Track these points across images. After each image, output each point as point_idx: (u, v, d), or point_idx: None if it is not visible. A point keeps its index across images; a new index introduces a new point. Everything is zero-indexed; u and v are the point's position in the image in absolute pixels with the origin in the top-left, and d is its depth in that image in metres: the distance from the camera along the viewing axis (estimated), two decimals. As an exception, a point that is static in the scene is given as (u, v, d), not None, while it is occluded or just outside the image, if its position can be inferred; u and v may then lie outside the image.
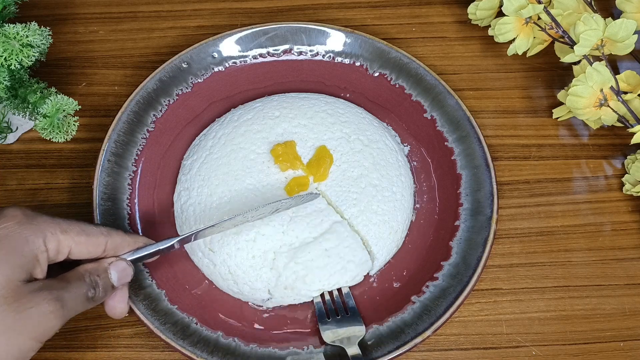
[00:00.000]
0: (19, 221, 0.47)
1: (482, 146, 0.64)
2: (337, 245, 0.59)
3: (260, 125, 0.65)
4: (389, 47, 0.69)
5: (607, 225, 0.66)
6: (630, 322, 0.61)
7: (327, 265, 0.58)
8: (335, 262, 0.58)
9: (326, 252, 0.58)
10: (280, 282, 0.58)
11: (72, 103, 0.63)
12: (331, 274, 0.59)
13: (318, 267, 0.58)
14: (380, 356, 0.55)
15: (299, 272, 0.58)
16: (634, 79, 0.65)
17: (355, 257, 0.59)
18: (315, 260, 0.58)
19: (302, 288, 0.58)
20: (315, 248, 0.58)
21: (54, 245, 0.48)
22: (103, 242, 0.51)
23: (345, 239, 0.59)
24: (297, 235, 0.59)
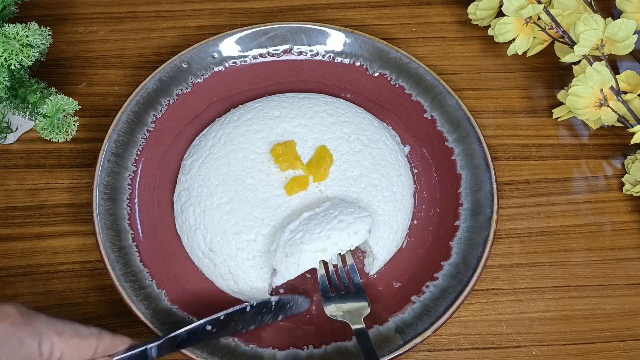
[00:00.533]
0: (13, 321, 0.45)
1: (482, 146, 0.64)
2: (338, 213, 0.57)
3: (260, 125, 0.65)
4: (389, 47, 0.69)
5: (607, 225, 0.66)
6: (630, 322, 0.61)
7: (324, 222, 0.57)
8: (332, 218, 0.57)
9: (326, 218, 0.57)
10: (283, 251, 0.56)
11: (72, 103, 0.63)
12: (329, 230, 0.56)
13: (316, 225, 0.57)
14: (381, 356, 0.55)
15: (298, 237, 0.56)
16: (634, 79, 0.65)
17: (353, 213, 0.57)
18: (313, 222, 0.57)
19: (303, 249, 0.56)
20: (315, 218, 0.57)
21: (48, 348, 0.46)
22: (94, 345, 0.49)
23: (344, 206, 0.58)
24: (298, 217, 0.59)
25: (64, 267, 0.62)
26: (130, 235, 0.61)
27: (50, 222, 0.65)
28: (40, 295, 0.61)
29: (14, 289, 0.61)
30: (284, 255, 0.56)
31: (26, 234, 0.64)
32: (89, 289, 0.62)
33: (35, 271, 0.62)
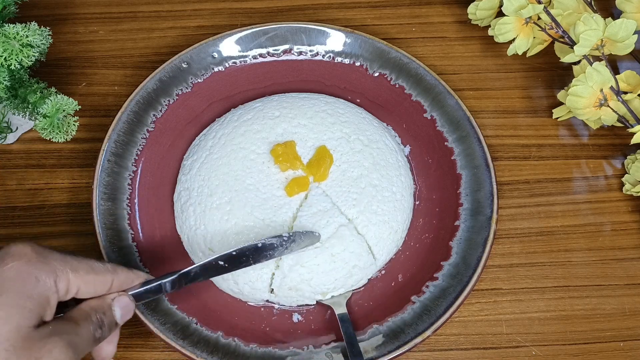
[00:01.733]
0: (28, 259, 0.44)
1: (482, 146, 0.64)
2: (342, 250, 0.59)
3: (260, 125, 0.65)
4: (389, 47, 0.69)
5: (607, 225, 0.66)
6: (630, 322, 0.61)
7: (333, 270, 0.59)
8: (340, 267, 0.59)
9: (332, 258, 0.59)
10: (285, 282, 0.58)
11: (72, 103, 0.63)
12: (336, 279, 0.59)
13: (324, 272, 0.58)
14: (380, 356, 0.55)
15: (304, 274, 0.58)
16: (634, 79, 0.65)
17: (360, 262, 0.59)
18: (322, 265, 0.58)
19: (306, 290, 0.58)
20: (322, 253, 0.58)
21: (64, 285, 0.46)
22: (109, 280, 0.49)
23: (350, 243, 0.59)
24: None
25: (64, 267, 0.62)
26: (130, 235, 0.61)
27: (50, 222, 0.65)
28: (40, 295, 0.61)
29: (14, 289, 0.61)
30: (287, 288, 0.58)
31: (26, 234, 0.64)
32: (89, 289, 0.61)
33: (35, 271, 0.62)
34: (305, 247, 0.58)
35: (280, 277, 0.58)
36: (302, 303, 0.59)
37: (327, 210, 0.60)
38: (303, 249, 0.58)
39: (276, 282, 0.58)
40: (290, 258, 0.58)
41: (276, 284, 0.58)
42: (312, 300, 0.59)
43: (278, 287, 0.58)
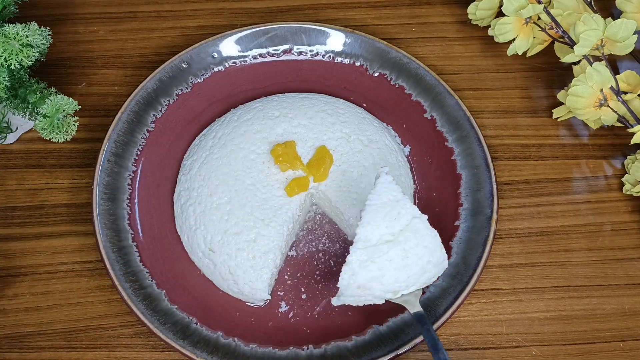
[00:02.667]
0: None
1: (482, 146, 0.64)
2: (416, 245, 0.53)
3: (260, 125, 0.65)
4: (389, 47, 0.69)
5: (607, 225, 0.66)
6: (630, 322, 0.61)
7: (406, 267, 0.53)
8: (413, 262, 0.53)
9: (405, 253, 0.53)
10: (354, 280, 0.52)
11: (71, 103, 0.63)
12: (409, 276, 0.53)
13: (396, 268, 0.53)
14: (381, 356, 0.55)
15: (375, 271, 0.53)
16: (634, 79, 0.65)
17: (433, 257, 0.54)
18: (394, 261, 0.53)
19: (377, 289, 0.53)
20: (394, 248, 0.53)
21: None
22: None
23: (424, 237, 0.54)
24: (374, 230, 0.53)
25: (64, 267, 0.62)
26: (130, 235, 0.61)
27: (50, 222, 0.65)
28: (40, 295, 0.61)
29: (14, 289, 0.61)
30: (356, 287, 0.53)
31: (26, 234, 0.64)
32: (89, 289, 0.62)
33: (35, 271, 0.62)
34: None
35: (348, 275, 0.53)
36: (369, 302, 0.54)
37: (398, 200, 0.54)
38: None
39: (344, 281, 0.53)
40: (360, 252, 0.53)
41: (344, 283, 0.53)
42: (381, 299, 0.54)
43: (346, 286, 0.53)
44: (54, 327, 0.60)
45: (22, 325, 0.60)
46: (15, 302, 0.61)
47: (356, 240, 0.53)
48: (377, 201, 0.54)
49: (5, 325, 0.60)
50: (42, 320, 0.60)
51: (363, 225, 0.53)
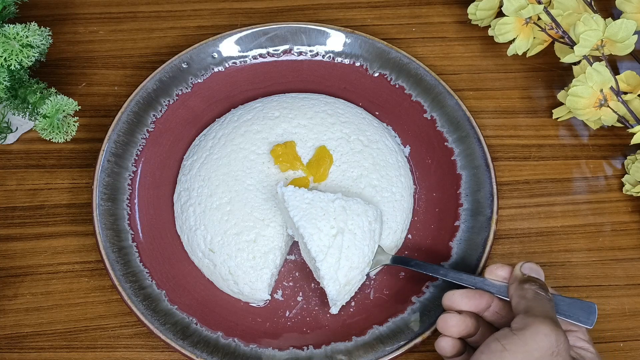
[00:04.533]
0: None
1: (482, 146, 0.64)
2: (352, 218, 0.57)
3: (260, 126, 0.65)
4: (389, 48, 0.69)
5: (607, 225, 0.66)
6: (630, 322, 0.61)
7: (361, 240, 0.57)
8: (361, 231, 0.57)
9: (352, 231, 0.57)
10: (338, 283, 0.56)
11: (71, 103, 0.63)
12: (367, 244, 0.57)
13: (356, 247, 0.56)
14: (381, 356, 0.55)
15: (346, 262, 0.56)
16: (634, 79, 0.65)
17: (369, 217, 0.58)
18: (350, 243, 0.56)
19: (356, 274, 0.57)
20: (343, 234, 0.56)
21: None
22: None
23: (352, 208, 0.57)
24: (320, 236, 0.56)
25: (64, 267, 0.62)
26: (130, 235, 0.61)
27: (50, 222, 0.65)
28: (40, 295, 0.61)
29: (14, 289, 0.61)
30: (344, 286, 0.56)
31: (26, 234, 0.64)
32: (89, 289, 0.62)
33: (35, 271, 0.62)
34: None
35: (332, 283, 0.56)
36: (357, 288, 0.58)
37: (312, 199, 0.57)
38: None
39: (332, 291, 0.56)
40: (327, 261, 0.55)
41: (333, 293, 0.56)
42: (363, 278, 0.58)
43: (336, 294, 0.56)
44: (54, 327, 0.60)
45: (22, 326, 0.60)
46: (15, 302, 0.61)
47: (315, 255, 0.55)
48: (300, 213, 0.56)
49: (5, 325, 0.60)
50: (42, 320, 0.60)
51: (310, 240, 0.56)
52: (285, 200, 0.56)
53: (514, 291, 0.51)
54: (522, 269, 0.53)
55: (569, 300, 0.52)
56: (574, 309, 0.52)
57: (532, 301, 0.49)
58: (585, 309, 0.52)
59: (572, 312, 0.51)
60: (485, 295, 0.53)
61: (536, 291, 0.50)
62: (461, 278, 0.55)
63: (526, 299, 0.50)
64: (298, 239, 0.58)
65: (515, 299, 0.50)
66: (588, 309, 0.51)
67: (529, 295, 0.50)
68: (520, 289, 0.51)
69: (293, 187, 0.57)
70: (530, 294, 0.50)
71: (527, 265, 0.53)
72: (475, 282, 0.54)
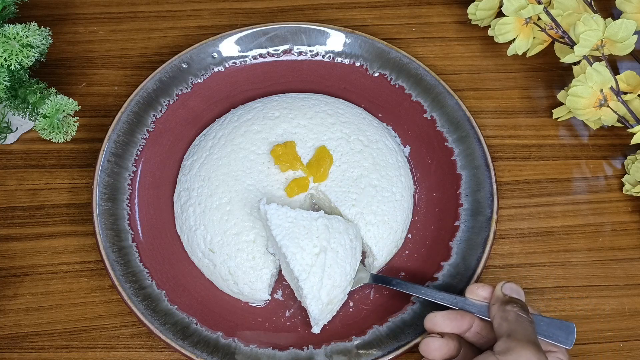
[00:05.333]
0: None
1: (482, 146, 0.64)
2: (335, 237, 0.56)
3: (260, 126, 0.65)
4: (389, 48, 0.69)
5: (607, 225, 0.66)
6: (630, 322, 0.61)
7: (343, 258, 0.56)
8: (343, 250, 0.56)
9: (335, 249, 0.56)
10: (321, 303, 0.55)
11: (71, 103, 0.63)
12: (349, 262, 0.57)
13: (338, 265, 0.56)
14: (381, 356, 0.55)
15: (329, 281, 0.55)
16: (634, 79, 0.65)
17: (350, 235, 0.58)
18: (333, 261, 0.56)
19: (338, 292, 0.56)
20: (326, 253, 0.56)
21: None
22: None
23: (334, 226, 0.57)
24: (303, 255, 0.55)
25: (64, 267, 0.62)
26: (130, 235, 0.61)
27: (50, 222, 0.65)
28: (40, 296, 0.61)
29: (14, 289, 0.61)
30: (326, 305, 0.56)
31: (26, 234, 0.64)
32: (89, 289, 0.62)
33: (35, 271, 0.62)
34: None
35: (314, 302, 0.55)
36: (339, 306, 0.58)
37: (295, 217, 0.57)
38: None
39: (315, 310, 0.55)
40: (310, 280, 0.55)
41: (316, 312, 0.55)
42: (345, 297, 0.57)
43: (319, 313, 0.55)
44: (54, 327, 0.60)
45: (22, 326, 0.60)
46: (15, 302, 0.61)
47: (298, 274, 0.54)
48: (282, 232, 0.55)
49: (5, 325, 0.60)
50: (42, 320, 0.60)
51: (292, 259, 0.55)
52: (268, 218, 0.56)
53: (496, 312, 0.51)
54: (503, 289, 0.52)
55: (547, 320, 0.52)
56: (553, 329, 0.52)
57: (514, 324, 0.49)
58: (564, 329, 0.52)
59: (551, 332, 0.51)
60: (467, 316, 0.53)
61: (518, 313, 0.50)
62: (442, 297, 0.55)
63: (508, 321, 0.49)
64: (280, 257, 0.58)
65: (497, 320, 0.50)
66: (567, 328, 0.52)
67: (511, 317, 0.50)
68: (502, 310, 0.51)
69: (276, 205, 0.56)
70: (512, 316, 0.50)
71: (507, 286, 0.53)
72: (457, 301, 0.54)
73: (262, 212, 0.56)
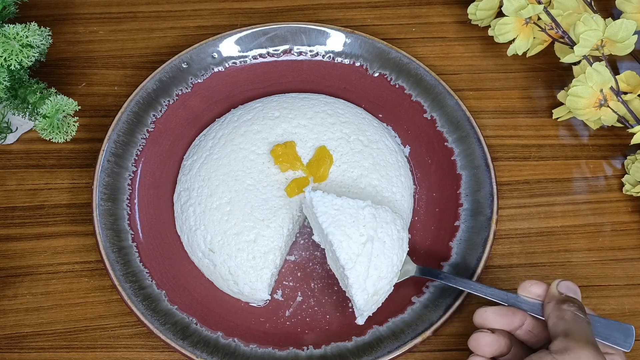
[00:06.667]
0: None
1: (482, 146, 0.64)
2: (382, 226, 0.55)
3: (260, 126, 0.65)
4: (389, 48, 0.69)
5: (607, 225, 0.66)
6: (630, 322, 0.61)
7: (390, 249, 0.55)
8: (390, 240, 0.55)
9: (382, 239, 0.55)
10: (367, 293, 0.54)
11: (71, 103, 0.63)
12: (395, 253, 0.56)
13: (385, 256, 0.55)
14: (381, 356, 0.55)
15: (375, 272, 0.54)
16: (634, 79, 0.65)
17: (397, 225, 0.57)
18: (380, 251, 0.54)
19: (384, 283, 0.55)
20: (373, 242, 0.55)
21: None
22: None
23: (382, 216, 0.56)
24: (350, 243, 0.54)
25: (64, 267, 0.62)
26: (130, 235, 0.61)
27: (50, 222, 0.65)
28: (40, 296, 0.61)
29: (14, 289, 0.61)
30: (372, 295, 0.54)
31: (26, 234, 0.64)
32: (89, 289, 0.62)
33: (35, 271, 0.62)
34: None
35: (360, 292, 0.54)
36: (385, 297, 0.56)
37: (342, 205, 0.56)
38: None
39: (360, 301, 0.54)
40: (357, 269, 0.53)
41: (361, 302, 0.54)
42: (391, 288, 0.56)
43: (364, 303, 0.54)
44: (54, 327, 0.60)
45: (22, 326, 0.60)
46: (15, 302, 0.61)
47: (344, 262, 0.53)
48: (329, 219, 0.54)
49: (5, 325, 0.60)
50: (42, 320, 0.60)
51: (339, 247, 0.54)
52: (314, 205, 0.54)
53: (551, 311, 0.49)
54: (559, 287, 0.50)
55: (605, 322, 0.50)
56: (611, 331, 0.50)
57: (571, 323, 0.47)
58: (622, 331, 0.50)
59: (609, 334, 0.50)
60: (519, 313, 0.51)
61: (575, 313, 0.48)
62: (493, 293, 0.53)
63: (565, 320, 0.48)
64: (325, 245, 0.57)
65: (553, 319, 0.48)
66: (625, 331, 0.50)
67: (568, 316, 0.48)
68: (558, 309, 0.49)
69: (321, 193, 0.55)
70: (569, 315, 0.48)
71: (564, 284, 0.51)
72: (508, 298, 0.52)
73: (308, 200, 0.55)
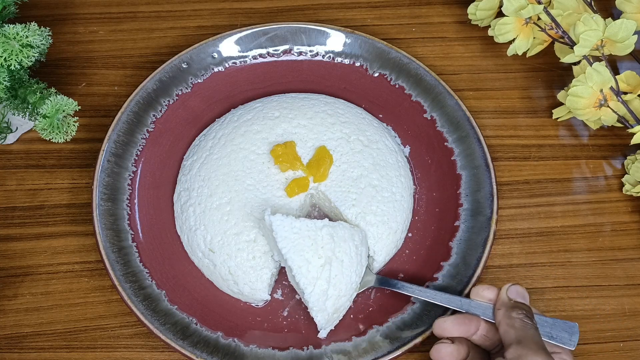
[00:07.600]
0: None
1: (482, 146, 0.64)
2: (339, 245, 0.56)
3: (260, 126, 0.65)
4: (389, 48, 0.69)
5: (607, 225, 0.66)
6: (630, 322, 0.61)
7: (348, 266, 0.57)
8: (348, 257, 0.57)
9: (340, 258, 0.56)
10: (327, 312, 0.56)
11: (71, 103, 0.63)
12: (355, 269, 0.57)
13: (344, 274, 0.56)
14: (381, 356, 0.55)
15: (335, 291, 0.56)
16: (633, 79, 0.65)
17: (355, 241, 0.58)
18: (339, 271, 0.56)
19: (344, 300, 0.57)
20: (331, 263, 0.56)
21: None
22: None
23: (338, 233, 0.57)
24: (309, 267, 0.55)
25: (64, 267, 0.62)
26: (130, 235, 0.61)
27: (50, 222, 0.65)
28: (40, 296, 0.61)
29: (14, 289, 0.61)
30: (332, 313, 0.56)
31: (26, 234, 0.64)
32: (89, 289, 0.62)
33: (35, 271, 0.62)
34: None
35: (321, 312, 0.56)
36: (345, 311, 0.58)
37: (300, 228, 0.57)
38: None
39: (322, 320, 0.56)
40: (316, 292, 0.55)
41: (323, 321, 0.56)
42: (351, 302, 0.58)
43: (326, 322, 0.56)
44: (54, 327, 0.60)
45: (22, 326, 0.60)
46: (15, 302, 0.61)
47: (304, 287, 0.55)
48: (288, 244, 0.55)
49: (5, 325, 0.60)
50: (42, 320, 0.60)
51: (298, 273, 0.55)
52: (274, 230, 0.55)
53: (502, 318, 0.52)
54: (508, 292, 0.53)
55: (551, 321, 0.52)
56: (557, 331, 0.52)
57: (521, 331, 0.50)
58: (567, 330, 0.52)
59: (555, 334, 0.52)
60: (474, 320, 0.54)
61: (524, 320, 0.51)
62: (447, 300, 0.55)
63: (515, 328, 0.50)
64: (286, 267, 0.57)
65: (504, 327, 0.51)
66: (570, 329, 0.52)
67: (517, 324, 0.50)
68: (507, 317, 0.51)
69: (281, 216, 0.56)
70: (519, 323, 0.51)
71: (513, 289, 0.53)
72: (462, 304, 0.55)
73: (268, 224, 0.56)
